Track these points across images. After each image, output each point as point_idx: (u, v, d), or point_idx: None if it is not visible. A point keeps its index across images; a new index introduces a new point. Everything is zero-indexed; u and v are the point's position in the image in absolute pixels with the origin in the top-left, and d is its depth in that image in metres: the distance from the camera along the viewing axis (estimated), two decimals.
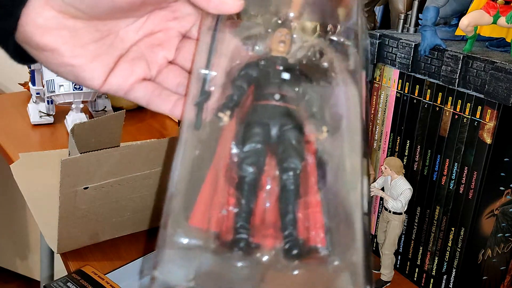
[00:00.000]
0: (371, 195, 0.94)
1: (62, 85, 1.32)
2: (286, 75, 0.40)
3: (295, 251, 0.37)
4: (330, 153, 0.40)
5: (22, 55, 0.42)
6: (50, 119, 1.51)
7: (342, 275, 0.38)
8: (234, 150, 0.38)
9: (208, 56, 0.41)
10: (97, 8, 0.39)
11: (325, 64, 0.42)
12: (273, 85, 0.40)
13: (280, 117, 0.38)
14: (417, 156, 0.92)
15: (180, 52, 0.46)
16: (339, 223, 0.39)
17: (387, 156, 0.97)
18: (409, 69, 0.90)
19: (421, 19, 0.88)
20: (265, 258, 0.37)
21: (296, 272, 0.37)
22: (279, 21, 0.42)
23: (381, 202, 0.97)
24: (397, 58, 0.92)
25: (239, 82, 0.40)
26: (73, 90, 1.34)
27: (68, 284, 0.88)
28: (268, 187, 0.38)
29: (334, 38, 0.43)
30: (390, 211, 0.90)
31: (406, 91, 0.92)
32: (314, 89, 0.40)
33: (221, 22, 0.41)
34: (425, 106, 0.89)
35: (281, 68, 0.40)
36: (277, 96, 0.39)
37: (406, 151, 0.94)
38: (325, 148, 0.39)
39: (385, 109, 0.97)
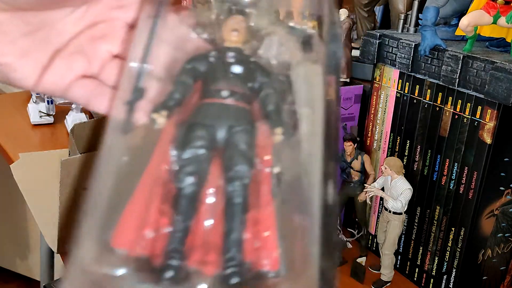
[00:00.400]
0: (371, 195, 0.94)
1: None
2: (237, 69, 0.34)
3: (235, 279, 0.31)
4: (286, 159, 0.34)
5: None
6: (50, 119, 1.51)
7: None
8: (171, 157, 0.32)
9: (145, 47, 0.35)
10: None
11: (285, 56, 0.37)
12: (222, 81, 0.34)
13: (227, 117, 0.33)
14: (417, 156, 0.92)
15: (127, 45, 0.40)
16: (295, 241, 0.33)
17: (387, 156, 0.97)
18: (409, 69, 0.90)
19: (421, 19, 0.88)
20: (200, 287, 0.30)
21: None
22: (233, 7, 0.36)
23: (381, 202, 0.97)
24: (397, 58, 0.92)
25: (183, 77, 0.35)
26: None
27: None
28: (210, 200, 0.32)
29: (297, 26, 0.38)
30: (390, 211, 0.90)
31: (406, 91, 0.92)
32: (272, 84, 0.35)
33: (164, 7, 0.36)
34: (425, 106, 0.89)
35: (232, 60, 0.35)
36: (225, 93, 0.34)
37: (406, 151, 0.94)
38: (281, 153, 0.34)
39: (385, 109, 0.97)
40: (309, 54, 0.37)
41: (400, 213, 0.90)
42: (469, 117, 0.82)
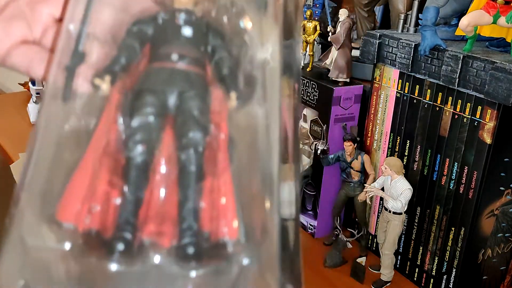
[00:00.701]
0: (371, 195, 0.94)
1: None
2: (188, 31, 0.32)
3: (192, 249, 0.29)
4: (241, 125, 0.32)
5: None
6: None
7: (252, 277, 0.30)
8: (119, 126, 0.30)
9: (85, 7, 0.32)
10: None
11: (241, 19, 0.34)
12: (172, 44, 0.32)
13: (179, 82, 0.31)
14: (417, 156, 0.92)
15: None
16: (253, 209, 0.31)
17: (387, 156, 0.97)
18: (409, 69, 0.90)
19: (421, 19, 0.88)
20: (155, 260, 0.29)
21: (193, 276, 0.29)
22: None
23: (381, 202, 0.97)
24: (397, 58, 0.92)
25: (129, 40, 0.32)
26: None
27: None
28: (163, 169, 0.30)
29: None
30: (390, 211, 0.90)
31: (406, 91, 0.92)
32: (226, 47, 0.33)
33: None
34: (425, 106, 0.89)
35: (182, 22, 0.32)
36: (175, 57, 0.31)
37: (406, 151, 0.94)
38: (236, 118, 0.32)
39: (385, 109, 0.97)
40: (266, 13, 0.35)
41: (400, 213, 0.90)
42: (469, 117, 0.82)
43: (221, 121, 0.31)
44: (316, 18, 1.15)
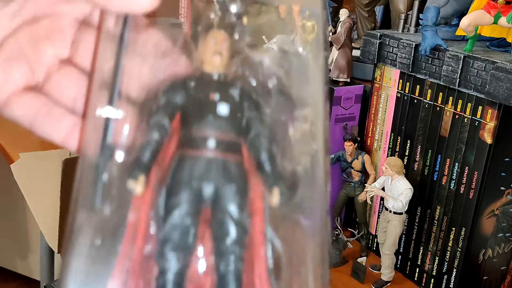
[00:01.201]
0: (371, 195, 0.94)
1: None
2: (223, 109, 0.29)
3: None
4: (283, 218, 0.29)
5: None
6: None
7: None
8: (151, 230, 0.28)
9: (112, 85, 0.28)
10: None
11: (278, 84, 0.31)
12: (205, 122, 0.29)
13: (216, 175, 0.28)
14: (418, 156, 0.92)
15: (78, 47, 0.32)
16: None
17: (387, 156, 0.97)
18: (410, 69, 0.90)
19: (422, 19, 0.88)
20: None
21: None
22: (214, 17, 0.30)
23: (382, 202, 0.97)
24: (397, 58, 0.92)
25: (158, 117, 0.29)
26: None
27: None
28: (199, 280, 0.28)
29: (290, 48, 0.32)
30: (390, 211, 0.90)
31: (406, 91, 0.92)
32: (261, 118, 0.29)
33: (130, 25, 0.29)
34: (426, 106, 0.89)
35: (217, 97, 0.29)
36: (211, 143, 0.28)
37: (407, 151, 0.94)
38: (278, 212, 0.29)
39: (385, 109, 0.97)
40: (305, 81, 0.32)
41: (401, 213, 0.90)
42: (470, 117, 0.82)
43: (260, 212, 0.29)
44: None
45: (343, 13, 1.02)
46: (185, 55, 0.30)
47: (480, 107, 0.80)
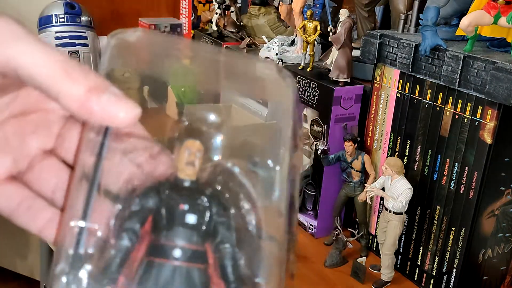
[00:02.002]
0: (371, 195, 0.94)
1: None
2: (191, 219, 0.31)
3: None
4: None
5: None
6: None
7: None
8: None
9: (87, 196, 0.30)
10: None
11: (242, 191, 0.33)
12: (174, 233, 0.31)
13: (179, 283, 0.30)
14: (418, 156, 0.92)
15: (63, 140, 0.33)
16: None
17: (387, 156, 0.97)
18: (410, 69, 0.90)
19: (422, 19, 0.88)
20: None
21: None
22: (187, 122, 0.33)
23: (382, 202, 0.97)
24: (397, 58, 0.92)
25: (131, 223, 0.31)
26: None
27: None
28: None
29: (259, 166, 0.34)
30: (390, 211, 0.90)
31: (406, 91, 0.92)
32: (230, 226, 0.32)
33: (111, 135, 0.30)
34: (426, 106, 0.89)
35: (186, 207, 0.31)
36: (177, 253, 0.30)
37: (407, 151, 0.94)
38: None
39: (385, 109, 0.97)
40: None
41: (401, 213, 0.90)
42: (470, 117, 0.82)
43: None
44: (317, 18, 1.15)
45: (343, 13, 1.02)
46: (164, 156, 0.32)
47: (480, 107, 0.80)
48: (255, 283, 0.32)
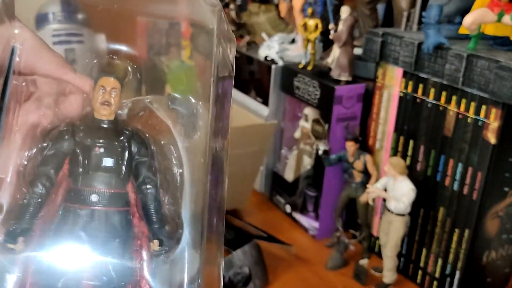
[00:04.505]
0: (373, 196, 0.92)
1: None
2: (109, 162, 0.30)
3: None
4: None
5: None
6: None
7: None
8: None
9: None
10: None
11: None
12: (91, 177, 0.30)
13: (98, 228, 0.30)
14: (421, 157, 0.91)
15: None
16: None
17: (390, 156, 0.95)
18: (413, 68, 0.88)
19: (424, 17, 0.86)
20: None
21: None
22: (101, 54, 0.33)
23: (384, 203, 0.96)
24: (400, 56, 0.91)
25: (45, 167, 0.30)
26: None
27: None
28: None
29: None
30: (392, 212, 0.89)
31: (409, 90, 0.91)
32: (151, 165, 0.32)
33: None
34: (429, 105, 0.88)
35: (102, 150, 0.30)
36: (94, 198, 0.30)
37: (409, 151, 0.92)
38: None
39: (387, 108, 0.96)
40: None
41: (403, 214, 0.88)
42: (473, 117, 0.80)
43: (148, 256, 0.31)
44: (318, 16, 1.14)
45: (345, 11, 1.01)
46: (74, 95, 0.32)
47: (484, 107, 0.79)
48: (178, 223, 0.32)
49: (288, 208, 1.14)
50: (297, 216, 1.12)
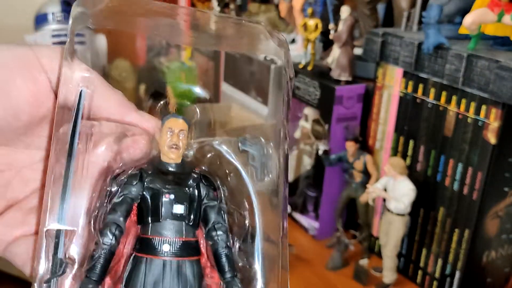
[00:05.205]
0: (373, 196, 0.92)
1: None
2: (179, 209, 0.30)
3: None
4: None
5: None
6: None
7: None
8: None
9: (64, 187, 0.29)
10: None
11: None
12: (162, 225, 0.29)
13: (171, 281, 0.29)
14: (421, 157, 0.91)
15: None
16: None
17: (390, 156, 0.95)
18: (413, 68, 0.88)
19: (425, 17, 0.86)
20: None
21: None
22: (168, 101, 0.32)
23: (385, 203, 0.96)
24: (400, 56, 0.90)
25: (113, 215, 0.29)
26: None
27: None
28: None
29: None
30: (392, 212, 0.89)
31: (409, 91, 0.91)
32: (220, 208, 0.31)
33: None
34: (429, 105, 0.88)
35: (172, 197, 0.30)
36: (166, 248, 0.29)
37: (409, 151, 0.92)
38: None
39: (388, 108, 0.96)
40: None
41: (403, 214, 0.88)
42: (473, 117, 0.80)
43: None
44: (318, 16, 1.14)
45: (345, 11, 1.01)
46: (144, 138, 0.31)
47: (484, 107, 0.79)
48: (251, 271, 0.31)
49: (288, 208, 1.14)
50: (297, 216, 1.11)
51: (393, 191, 0.89)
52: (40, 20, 1.31)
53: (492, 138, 0.78)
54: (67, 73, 0.30)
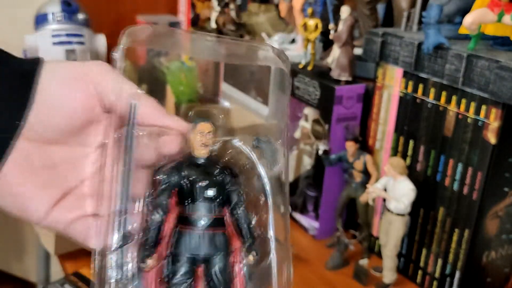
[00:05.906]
0: (373, 196, 0.92)
1: None
2: (210, 192, 0.39)
3: None
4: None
5: None
6: None
7: None
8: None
9: (124, 182, 0.38)
10: (51, 128, 0.38)
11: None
12: (197, 205, 0.39)
13: (206, 248, 0.38)
14: (421, 157, 0.91)
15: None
16: None
17: (390, 156, 0.96)
18: (413, 68, 0.88)
19: (424, 17, 0.86)
20: None
21: None
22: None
23: (384, 203, 0.96)
24: (400, 56, 0.91)
25: (160, 199, 0.38)
26: None
27: (65, 286, 0.87)
28: None
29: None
30: (392, 212, 0.89)
31: (409, 91, 0.91)
32: (240, 192, 0.40)
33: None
34: (429, 105, 0.88)
35: (204, 184, 0.39)
36: (202, 222, 0.38)
37: (409, 151, 0.93)
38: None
39: (388, 108, 0.96)
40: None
41: (403, 214, 0.89)
42: (473, 117, 0.81)
43: (239, 268, 0.39)
44: (318, 16, 1.14)
45: (345, 11, 1.01)
46: (178, 137, 0.40)
47: (484, 107, 0.79)
48: (265, 238, 0.40)
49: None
50: (297, 216, 1.12)
51: (393, 191, 0.89)
52: (40, 20, 1.31)
53: (492, 138, 0.78)
54: (117, 87, 0.39)
